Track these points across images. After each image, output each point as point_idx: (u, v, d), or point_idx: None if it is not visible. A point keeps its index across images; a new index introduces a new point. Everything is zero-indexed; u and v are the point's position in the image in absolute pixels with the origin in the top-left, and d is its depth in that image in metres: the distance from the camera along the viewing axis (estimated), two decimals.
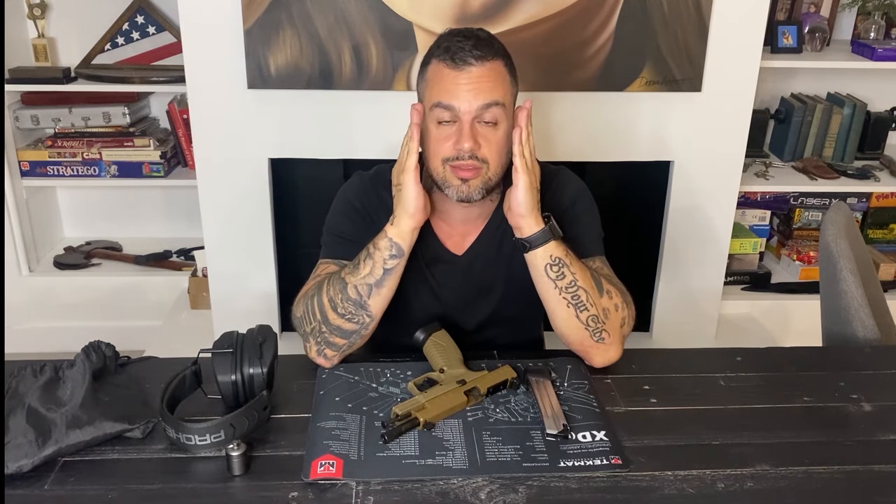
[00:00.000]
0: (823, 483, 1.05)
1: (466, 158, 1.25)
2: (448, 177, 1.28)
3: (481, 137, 1.26)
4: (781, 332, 2.62)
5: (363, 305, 1.26)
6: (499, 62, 1.27)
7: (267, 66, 2.08)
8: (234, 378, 1.14)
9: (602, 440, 1.12)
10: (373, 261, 1.26)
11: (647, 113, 2.22)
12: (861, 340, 1.53)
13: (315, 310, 1.28)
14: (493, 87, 1.25)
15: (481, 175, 1.27)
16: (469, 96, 1.24)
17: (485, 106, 1.24)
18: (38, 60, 2.65)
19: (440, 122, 1.27)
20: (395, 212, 1.27)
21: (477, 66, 1.24)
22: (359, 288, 1.26)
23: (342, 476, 1.03)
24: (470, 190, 1.28)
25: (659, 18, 2.09)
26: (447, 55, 1.25)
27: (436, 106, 1.26)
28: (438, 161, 1.28)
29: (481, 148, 1.26)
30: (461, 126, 1.25)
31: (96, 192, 2.88)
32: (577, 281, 1.26)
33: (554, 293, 1.27)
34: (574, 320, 1.27)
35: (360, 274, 1.26)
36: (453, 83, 1.24)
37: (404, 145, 1.27)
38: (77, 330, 1.78)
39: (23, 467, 1.02)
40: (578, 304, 1.26)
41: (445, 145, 1.27)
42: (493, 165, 1.28)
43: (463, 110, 1.24)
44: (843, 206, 1.72)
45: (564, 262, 1.26)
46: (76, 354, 1.17)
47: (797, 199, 2.83)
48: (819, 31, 2.57)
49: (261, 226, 2.30)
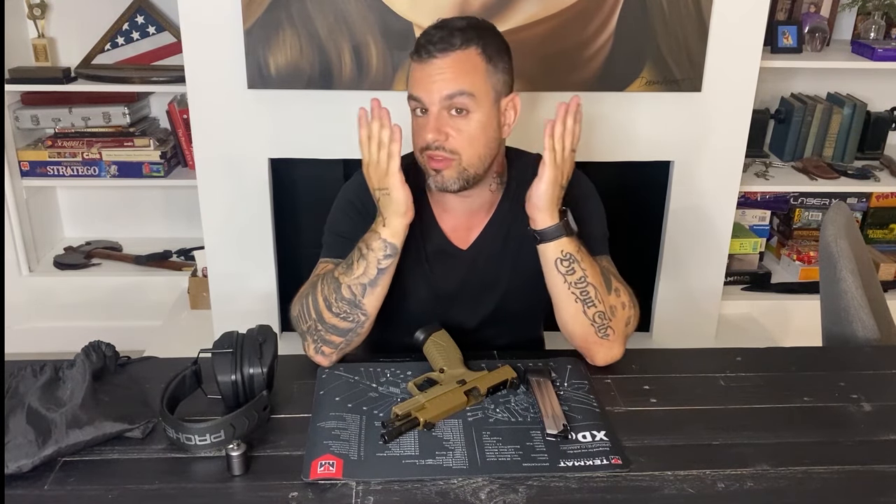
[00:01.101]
0: (823, 483, 1.05)
1: (434, 149, 1.27)
2: (426, 167, 1.31)
3: (451, 128, 1.26)
4: (781, 332, 2.62)
5: (358, 304, 1.26)
6: (471, 50, 1.26)
7: (267, 66, 2.08)
8: (234, 378, 1.14)
9: (602, 440, 1.12)
10: (366, 261, 1.26)
11: (647, 113, 2.22)
12: (861, 340, 1.53)
13: (310, 309, 1.28)
14: (457, 77, 1.25)
15: (454, 166, 1.28)
16: (433, 87, 1.25)
17: (448, 97, 1.25)
18: (38, 60, 2.65)
19: (415, 112, 1.30)
20: (383, 214, 1.27)
21: (440, 57, 1.25)
22: (353, 288, 1.26)
23: (342, 476, 1.03)
24: (444, 180, 1.29)
25: (659, 18, 2.09)
26: (415, 49, 1.28)
27: (409, 98, 1.29)
28: (419, 151, 1.31)
29: (449, 139, 1.26)
30: (428, 117, 1.27)
31: (96, 192, 2.88)
32: (586, 277, 1.26)
33: (563, 287, 1.27)
34: (581, 316, 1.27)
35: (354, 274, 1.26)
36: (421, 74, 1.27)
37: (375, 147, 1.25)
38: (77, 330, 1.78)
39: (23, 467, 1.02)
40: (587, 300, 1.27)
41: (420, 135, 1.29)
42: (467, 156, 1.28)
43: (427, 101, 1.26)
44: (843, 206, 1.72)
45: (576, 258, 1.26)
46: (76, 354, 1.17)
47: (797, 199, 2.83)
48: (819, 31, 2.57)
49: (261, 226, 2.30)
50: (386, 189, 1.25)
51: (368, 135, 1.25)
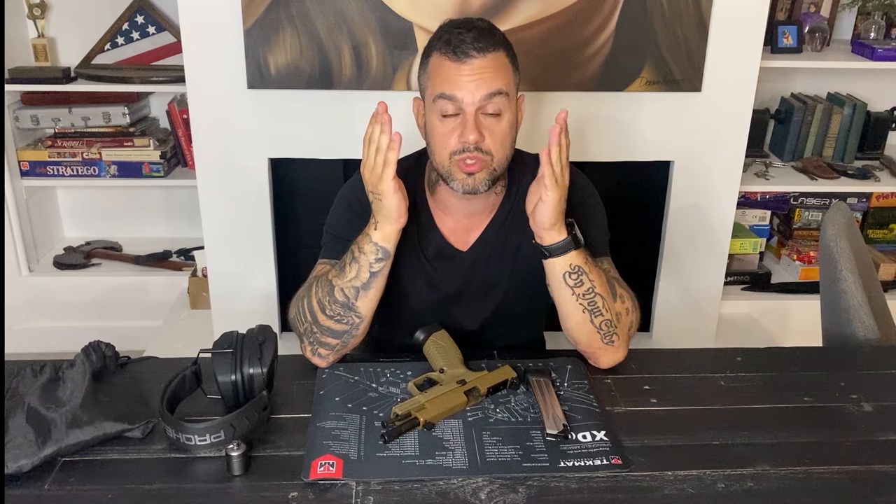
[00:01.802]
0: (823, 483, 1.05)
1: (472, 150, 1.25)
2: (454, 171, 1.28)
3: (485, 129, 1.26)
4: (781, 332, 2.62)
5: (351, 307, 1.26)
6: (500, 52, 1.27)
7: (267, 66, 2.08)
8: (234, 378, 1.14)
9: (602, 440, 1.12)
10: (358, 264, 1.25)
11: (647, 113, 2.22)
12: (861, 340, 1.53)
13: (305, 311, 1.28)
14: (495, 77, 1.25)
15: (486, 167, 1.27)
16: (472, 87, 1.24)
17: (488, 96, 1.24)
18: (38, 60, 2.64)
19: (444, 115, 1.26)
20: (375, 217, 1.25)
21: (479, 57, 1.24)
22: (345, 291, 1.25)
23: (342, 476, 1.03)
24: (476, 183, 1.28)
25: (659, 18, 2.09)
26: (448, 48, 1.25)
27: (439, 97, 1.26)
28: (445, 155, 1.28)
29: (485, 140, 1.26)
30: (465, 118, 1.25)
31: (96, 192, 2.88)
32: (594, 287, 1.26)
33: (571, 299, 1.26)
34: (588, 325, 1.27)
35: (347, 277, 1.25)
36: (456, 74, 1.24)
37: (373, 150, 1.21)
38: (77, 330, 1.78)
39: (23, 467, 1.02)
40: (594, 310, 1.26)
41: (451, 139, 1.27)
42: (498, 157, 1.28)
43: (466, 101, 1.24)
44: (843, 206, 1.72)
45: (584, 270, 1.25)
46: (76, 354, 1.17)
47: (797, 199, 2.83)
48: (819, 31, 2.57)
49: (261, 226, 2.30)
50: (379, 194, 1.23)
51: (370, 136, 1.24)
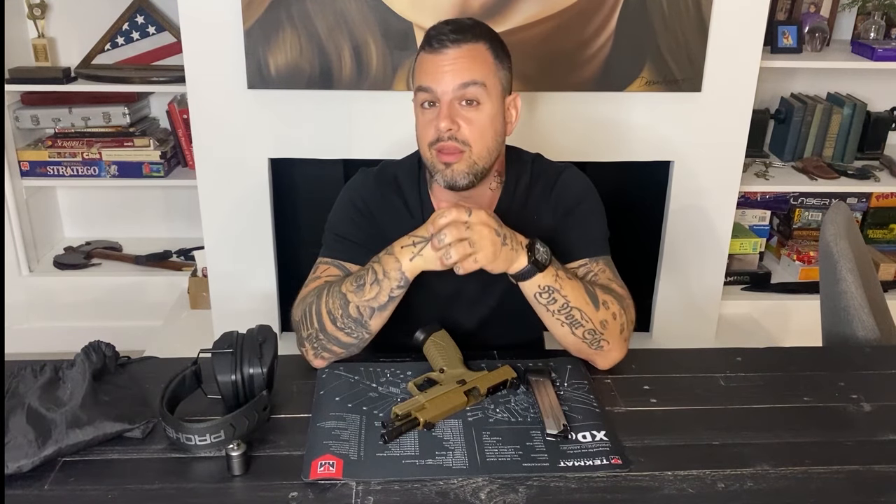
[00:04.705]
0: (823, 483, 1.05)
1: (446, 140, 1.27)
2: (434, 162, 1.30)
3: (461, 119, 1.27)
4: (781, 332, 2.62)
5: (364, 324, 1.25)
6: (480, 44, 1.28)
7: (267, 66, 2.08)
8: (234, 378, 1.14)
9: (602, 440, 1.12)
10: (380, 287, 1.23)
11: (648, 113, 2.22)
12: (861, 340, 1.53)
13: (313, 318, 1.27)
14: (470, 67, 1.26)
15: (464, 159, 1.28)
16: (446, 77, 1.26)
17: (462, 85, 1.26)
18: (38, 60, 2.65)
19: (423, 106, 1.29)
20: (416, 249, 1.20)
21: (453, 48, 1.26)
22: (361, 308, 1.24)
23: (342, 476, 1.03)
24: (454, 174, 1.29)
25: (659, 18, 2.09)
26: (427, 42, 1.28)
27: (418, 90, 1.29)
28: (425, 146, 1.30)
29: (461, 129, 1.27)
30: (440, 107, 1.27)
31: (96, 192, 2.88)
32: (569, 303, 1.24)
33: (547, 315, 1.26)
34: (570, 336, 1.27)
35: (365, 296, 1.23)
36: (432, 65, 1.27)
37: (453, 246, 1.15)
38: (77, 330, 1.78)
39: (23, 467, 1.02)
40: (573, 323, 1.25)
41: (429, 129, 1.29)
42: (477, 148, 1.28)
43: (440, 91, 1.26)
44: (843, 206, 1.72)
45: (554, 289, 1.23)
46: (76, 354, 1.17)
47: (797, 199, 2.83)
48: (819, 31, 2.57)
49: (261, 226, 2.30)
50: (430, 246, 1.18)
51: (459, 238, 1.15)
